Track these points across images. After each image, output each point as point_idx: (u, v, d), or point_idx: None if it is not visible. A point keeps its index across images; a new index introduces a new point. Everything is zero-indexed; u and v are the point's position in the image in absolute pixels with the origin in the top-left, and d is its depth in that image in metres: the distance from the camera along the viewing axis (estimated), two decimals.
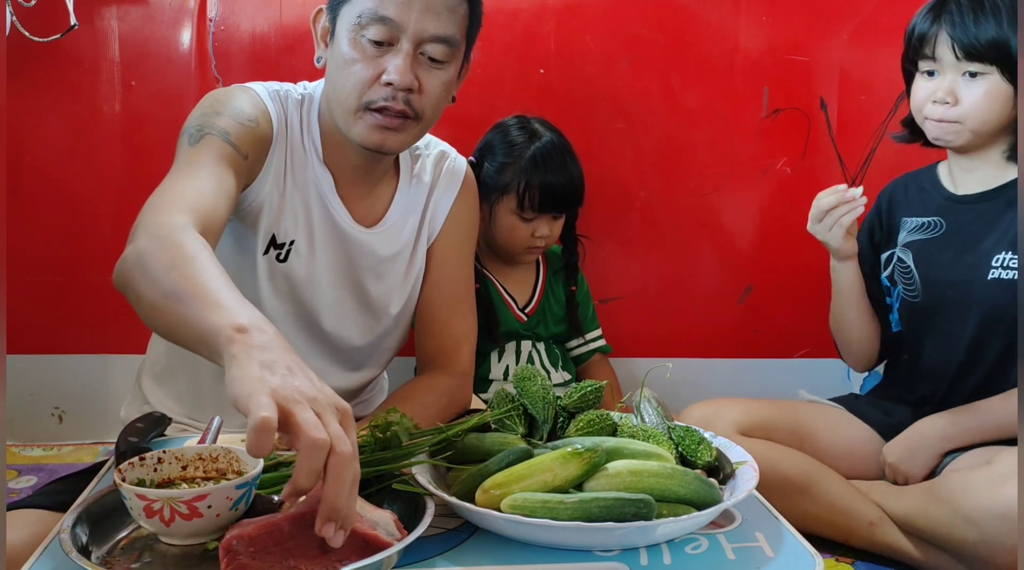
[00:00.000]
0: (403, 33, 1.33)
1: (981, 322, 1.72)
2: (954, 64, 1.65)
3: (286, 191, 1.45)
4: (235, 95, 1.42)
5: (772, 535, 1.02)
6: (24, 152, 2.20)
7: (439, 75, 1.38)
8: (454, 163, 1.62)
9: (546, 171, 1.99)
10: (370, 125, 1.37)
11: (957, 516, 1.56)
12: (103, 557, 0.93)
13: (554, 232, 2.07)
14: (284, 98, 1.47)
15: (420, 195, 1.57)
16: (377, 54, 1.35)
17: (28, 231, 2.21)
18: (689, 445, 1.12)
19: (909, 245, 1.82)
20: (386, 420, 1.07)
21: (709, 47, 2.28)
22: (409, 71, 1.34)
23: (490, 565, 0.94)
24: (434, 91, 1.38)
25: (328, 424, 0.81)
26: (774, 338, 2.42)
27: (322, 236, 1.48)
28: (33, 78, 2.17)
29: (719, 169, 2.33)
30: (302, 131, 1.48)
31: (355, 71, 1.35)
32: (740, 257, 2.38)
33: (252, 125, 1.39)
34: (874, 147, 2.30)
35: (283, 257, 1.47)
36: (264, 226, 1.45)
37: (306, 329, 1.52)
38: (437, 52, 1.36)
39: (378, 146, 1.40)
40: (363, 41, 1.34)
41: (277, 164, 1.45)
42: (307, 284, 1.49)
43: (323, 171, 1.48)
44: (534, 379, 1.19)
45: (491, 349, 2.10)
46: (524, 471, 1.00)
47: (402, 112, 1.36)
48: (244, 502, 0.93)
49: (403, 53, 1.34)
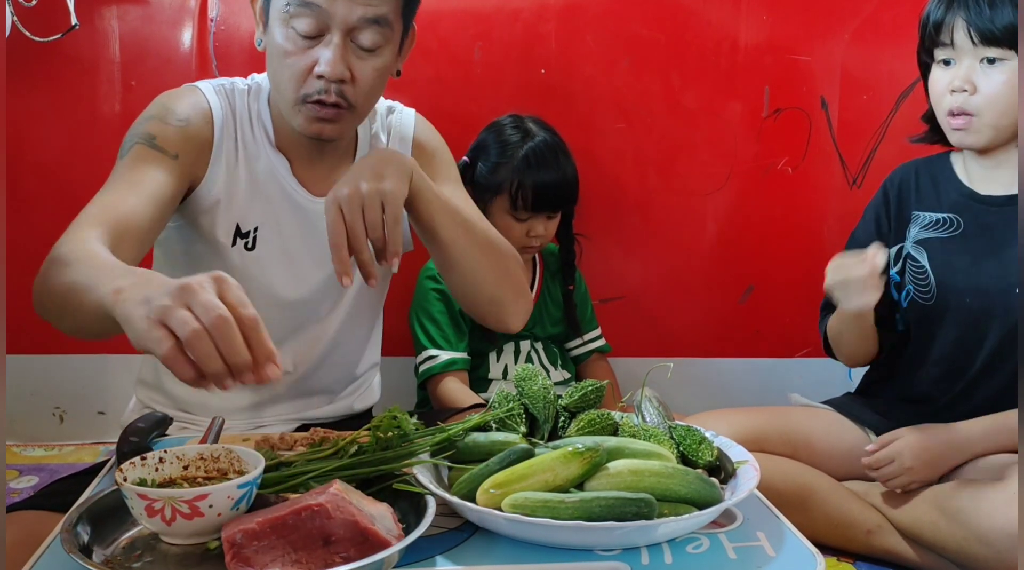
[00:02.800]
0: (332, 21, 1.33)
1: (1003, 335, 1.65)
2: (971, 50, 1.60)
3: (240, 181, 1.47)
4: (173, 97, 1.46)
5: (773, 534, 1.02)
6: (24, 152, 2.20)
7: (372, 63, 1.38)
8: (400, 117, 1.61)
9: (539, 170, 1.99)
10: (307, 117, 1.39)
11: (970, 534, 1.54)
12: (104, 557, 0.93)
13: (549, 231, 2.06)
14: (230, 91, 1.50)
15: None
16: (308, 46, 1.35)
17: (28, 231, 2.21)
18: (690, 444, 1.11)
19: (922, 243, 1.75)
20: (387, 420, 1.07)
21: (710, 47, 2.28)
22: (340, 62, 1.34)
23: (491, 564, 0.94)
24: (367, 80, 1.38)
25: (200, 304, 0.84)
26: (775, 338, 2.42)
27: (286, 218, 1.50)
28: (33, 78, 2.17)
29: (720, 169, 2.33)
30: (251, 120, 1.50)
31: (289, 64, 1.36)
32: (741, 257, 2.38)
33: (182, 125, 1.41)
34: (875, 147, 2.30)
35: (251, 245, 1.49)
36: (226, 218, 1.47)
37: (289, 314, 1.53)
38: (368, 40, 1.36)
39: (316, 135, 1.41)
40: (293, 33, 1.35)
41: (228, 157, 1.47)
42: (280, 268, 1.50)
43: (276, 155, 1.49)
44: (535, 379, 1.19)
45: (489, 349, 2.10)
46: (525, 471, 1.00)
47: (336, 103, 1.37)
48: (245, 502, 0.93)
49: (333, 44, 1.34)
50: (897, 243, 1.80)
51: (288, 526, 0.88)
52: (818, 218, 2.37)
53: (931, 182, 1.78)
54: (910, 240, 1.77)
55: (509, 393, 1.20)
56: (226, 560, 0.87)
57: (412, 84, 2.23)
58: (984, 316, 1.67)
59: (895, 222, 1.81)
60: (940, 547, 1.61)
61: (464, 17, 2.23)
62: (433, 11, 2.21)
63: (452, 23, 2.22)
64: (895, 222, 1.81)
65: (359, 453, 1.06)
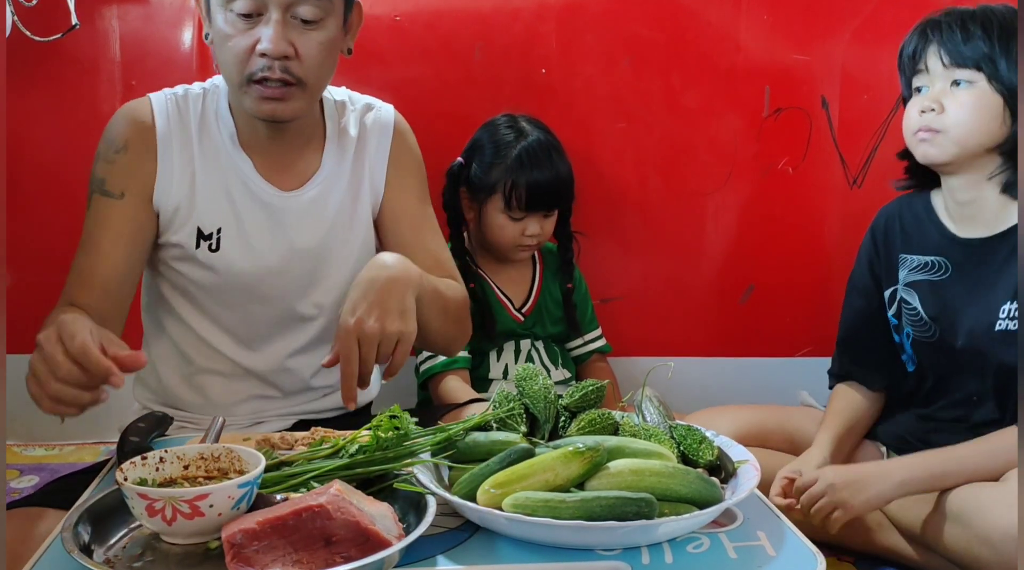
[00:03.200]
0: (268, 1, 1.34)
1: (998, 376, 1.65)
2: (942, 73, 1.63)
3: (196, 184, 1.48)
4: (115, 122, 1.49)
5: (774, 534, 1.02)
6: (24, 151, 2.20)
7: (315, 37, 1.38)
8: (380, 113, 1.60)
9: (532, 170, 1.99)
10: (256, 98, 1.39)
11: (973, 536, 1.52)
12: (105, 556, 0.93)
13: (545, 230, 2.06)
14: (182, 98, 1.51)
15: (348, 149, 1.56)
16: (249, 26, 1.36)
17: (29, 230, 2.21)
18: (690, 444, 1.11)
19: (912, 285, 1.75)
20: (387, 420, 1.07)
21: (710, 46, 2.28)
22: (282, 39, 1.35)
23: (492, 564, 0.95)
24: (312, 54, 1.38)
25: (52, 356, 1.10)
26: (776, 337, 2.42)
27: (249, 215, 1.50)
28: (34, 78, 2.17)
29: (720, 169, 2.33)
30: (209, 122, 1.50)
31: (231, 47, 1.37)
32: (741, 257, 2.38)
33: (120, 155, 1.46)
34: (876, 146, 2.30)
35: (215, 246, 1.49)
36: (188, 223, 1.48)
37: (267, 309, 1.53)
38: (308, 12, 1.36)
39: (270, 116, 1.41)
40: (232, 16, 1.36)
41: (179, 163, 1.48)
42: (248, 265, 1.51)
43: (239, 154, 1.49)
44: (535, 378, 1.19)
45: (489, 348, 2.10)
46: (526, 470, 1.00)
47: (282, 80, 1.37)
48: (246, 501, 0.94)
49: (273, 21, 1.35)
50: (890, 285, 1.81)
51: (289, 527, 0.88)
52: (819, 218, 2.36)
53: (915, 224, 1.78)
54: (901, 282, 1.78)
55: (510, 393, 1.20)
56: (226, 560, 0.87)
57: (413, 84, 2.23)
58: (977, 356, 1.67)
59: (885, 265, 1.82)
60: (942, 547, 1.60)
61: (464, 17, 2.23)
62: (433, 11, 2.21)
63: (452, 23, 2.22)
64: (885, 265, 1.82)
65: (359, 453, 1.06)
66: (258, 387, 1.56)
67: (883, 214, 1.85)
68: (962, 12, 1.64)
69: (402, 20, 2.20)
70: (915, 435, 1.76)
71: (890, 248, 1.81)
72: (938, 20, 1.66)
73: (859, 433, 1.83)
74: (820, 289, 2.36)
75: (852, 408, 1.83)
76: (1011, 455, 1.55)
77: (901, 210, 1.81)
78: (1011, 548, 1.45)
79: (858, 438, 1.83)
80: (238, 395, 1.55)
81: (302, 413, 1.60)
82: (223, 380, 1.56)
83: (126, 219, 1.46)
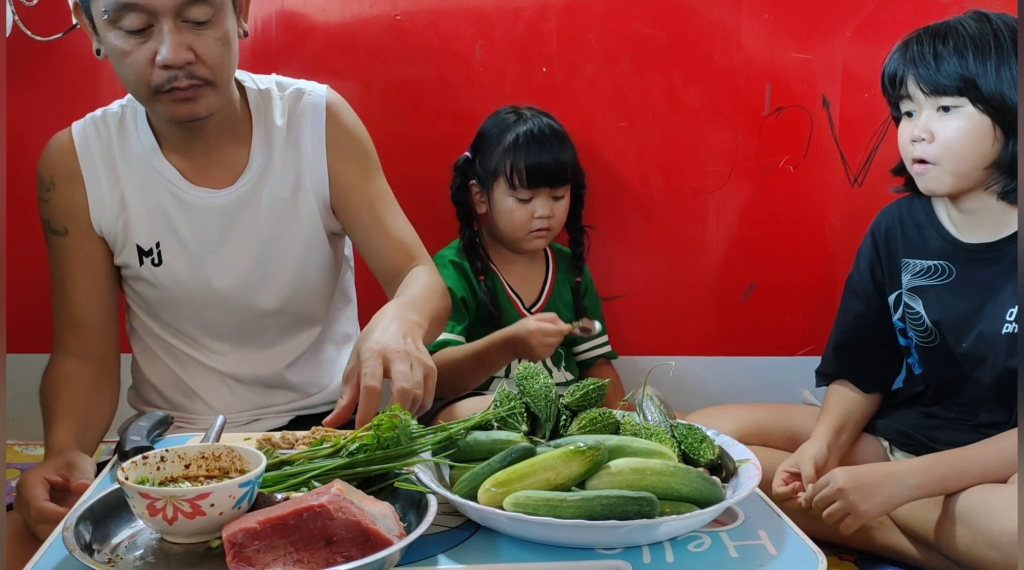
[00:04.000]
0: (157, 13, 1.30)
1: (1002, 379, 1.65)
2: (925, 100, 1.63)
3: (127, 204, 1.48)
4: (44, 159, 1.52)
5: (775, 533, 1.02)
6: (25, 151, 2.19)
7: (211, 34, 1.35)
8: (311, 97, 1.55)
9: (531, 147, 1.99)
10: (168, 103, 1.37)
11: (978, 537, 1.52)
12: (106, 555, 0.93)
13: (556, 212, 2.05)
14: (100, 121, 1.52)
15: (278, 140, 1.52)
16: (142, 40, 1.32)
17: (29, 230, 2.20)
18: (691, 443, 1.11)
19: (916, 290, 1.75)
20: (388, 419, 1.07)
21: (711, 45, 2.28)
22: (179, 47, 1.31)
23: (492, 563, 0.95)
24: (213, 53, 1.35)
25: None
26: (777, 336, 2.42)
27: (184, 223, 1.49)
28: (34, 77, 2.17)
29: (721, 167, 2.33)
30: (130, 139, 1.49)
31: (130, 63, 1.34)
32: (742, 255, 2.38)
33: (52, 192, 1.50)
34: (877, 145, 2.30)
35: (158, 261, 1.50)
36: (127, 242, 1.50)
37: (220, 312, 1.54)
38: (200, 14, 1.32)
39: (188, 118, 1.39)
40: (122, 33, 1.32)
41: (107, 185, 1.48)
42: (192, 273, 1.51)
43: (163, 164, 1.49)
44: (536, 377, 1.19)
45: None
46: (526, 469, 1.00)
47: (190, 85, 1.35)
48: (247, 500, 0.94)
49: (165, 31, 1.31)
50: (894, 289, 1.80)
51: (290, 526, 0.88)
52: (820, 216, 2.36)
53: (916, 229, 1.77)
54: (904, 287, 1.77)
55: (511, 392, 1.20)
56: (227, 559, 0.87)
57: (413, 83, 2.23)
58: (980, 360, 1.67)
59: (887, 269, 1.81)
60: (945, 547, 1.60)
61: (465, 16, 2.23)
62: (434, 10, 2.21)
63: (453, 22, 2.22)
64: (887, 269, 1.81)
65: (360, 452, 1.06)
66: (240, 386, 1.56)
67: (883, 218, 1.84)
68: (933, 34, 1.62)
69: (403, 19, 2.20)
70: (918, 431, 1.76)
71: (892, 252, 1.80)
72: (911, 46, 1.64)
73: (856, 427, 1.83)
74: (821, 288, 2.36)
75: (848, 403, 1.83)
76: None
77: (902, 214, 1.80)
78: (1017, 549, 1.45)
79: (855, 432, 1.83)
80: (225, 395, 1.55)
81: (296, 410, 1.60)
82: (207, 383, 1.56)
83: (79, 253, 1.49)
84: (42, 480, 1.23)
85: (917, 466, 1.61)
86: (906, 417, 1.82)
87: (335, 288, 1.66)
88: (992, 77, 1.56)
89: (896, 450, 1.80)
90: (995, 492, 1.55)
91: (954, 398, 1.77)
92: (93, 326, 1.50)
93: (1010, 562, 1.47)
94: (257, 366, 1.56)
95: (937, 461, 1.61)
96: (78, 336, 1.49)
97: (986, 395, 1.70)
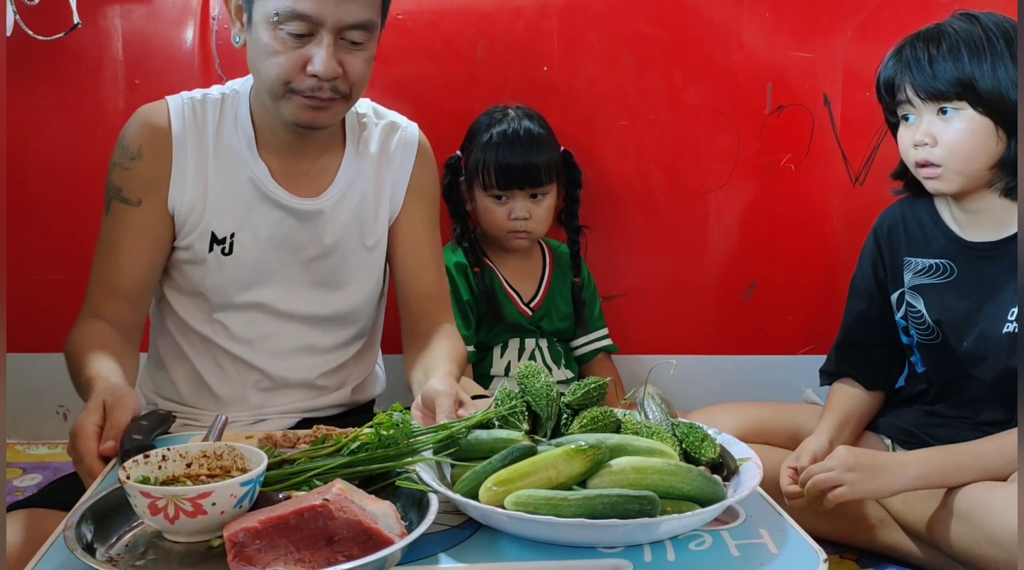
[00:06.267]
0: (322, 26, 1.36)
1: (1003, 378, 1.65)
2: (923, 105, 1.63)
3: (210, 190, 1.50)
4: (131, 126, 1.52)
5: (776, 532, 1.02)
6: (27, 151, 2.20)
7: (361, 55, 1.42)
8: (406, 133, 1.64)
9: (499, 149, 2.00)
10: (299, 104, 1.41)
11: (981, 535, 1.52)
12: (108, 555, 0.94)
13: (535, 214, 2.05)
14: (199, 103, 1.52)
15: (367, 165, 1.59)
16: (298, 45, 1.37)
17: (31, 229, 2.22)
18: (693, 442, 1.12)
19: (918, 289, 1.75)
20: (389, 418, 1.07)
21: (712, 44, 2.28)
22: (333, 61, 1.38)
23: (494, 562, 0.95)
24: (358, 71, 1.42)
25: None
26: (778, 335, 2.42)
27: (264, 222, 1.52)
28: (36, 77, 2.17)
29: (722, 166, 2.33)
30: (227, 128, 1.52)
31: (278, 62, 1.39)
32: (744, 254, 2.38)
33: (136, 161, 1.48)
34: (878, 144, 2.30)
35: (228, 250, 1.51)
36: (200, 226, 1.50)
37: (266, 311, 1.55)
38: (358, 35, 1.39)
39: (310, 123, 1.44)
40: (282, 35, 1.37)
41: (193, 166, 1.50)
42: (258, 271, 1.53)
43: (256, 162, 1.51)
44: (537, 376, 1.19)
45: (494, 344, 2.10)
46: (528, 468, 1.00)
47: (330, 98, 1.41)
48: (248, 499, 0.94)
49: (324, 44, 1.37)
50: (896, 288, 1.80)
51: (291, 526, 0.88)
52: (821, 215, 2.36)
53: (919, 227, 1.77)
54: (906, 285, 1.77)
55: (512, 391, 1.20)
56: (229, 558, 0.87)
57: (414, 83, 2.23)
58: (980, 359, 1.67)
59: (890, 268, 1.82)
60: (946, 545, 1.60)
61: (466, 15, 2.23)
62: (435, 9, 2.21)
63: (454, 21, 2.22)
64: (890, 268, 1.82)
65: (361, 451, 1.06)
66: (262, 384, 1.56)
67: (886, 217, 1.84)
68: (926, 38, 1.63)
69: (404, 18, 2.20)
70: (920, 429, 1.77)
71: (894, 251, 1.80)
72: (905, 52, 1.64)
73: (859, 423, 1.83)
74: (823, 286, 2.36)
75: (852, 400, 1.84)
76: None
77: (904, 213, 1.80)
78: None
79: (858, 428, 1.83)
80: (241, 393, 1.56)
81: (305, 411, 1.60)
82: (225, 378, 1.56)
83: (145, 226, 1.49)
84: (95, 431, 1.17)
85: (917, 457, 1.62)
86: (908, 415, 1.82)
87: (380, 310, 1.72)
88: (989, 77, 1.56)
89: (898, 448, 1.80)
90: (997, 490, 1.55)
91: (956, 397, 1.77)
92: (133, 299, 1.49)
93: (1012, 560, 1.47)
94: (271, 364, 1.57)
95: (938, 454, 1.62)
96: (114, 304, 1.48)
97: (987, 394, 1.70)
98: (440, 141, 2.20)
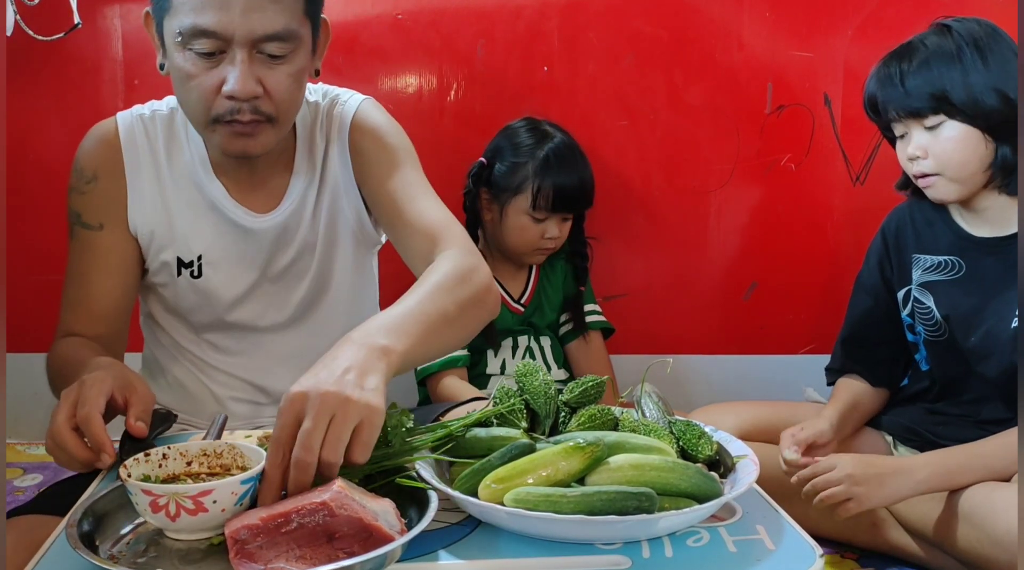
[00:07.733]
0: (231, 41, 1.24)
1: (1007, 375, 1.65)
2: (907, 122, 1.65)
3: (172, 213, 1.44)
4: (83, 149, 1.46)
5: (773, 528, 1.02)
6: (27, 151, 2.21)
7: (285, 70, 1.28)
8: (343, 107, 1.48)
9: (559, 171, 2.00)
10: (225, 135, 1.30)
11: (985, 536, 1.52)
12: (109, 552, 0.94)
13: (563, 233, 2.08)
14: (149, 120, 1.45)
15: (317, 160, 1.47)
16: (211, 65, 1.26)
17: (31, 229, 2.22)
18: (690, 439, 1.12)
19: (926, 285, 1.76)
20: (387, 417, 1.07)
21: (712, 43, 2.28)
22: (249, 78, 1.25)
23: (493, 558, 0.95)
24: (283, 88, 1.29)
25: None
26: (779, 334, 2.42)
27: (227, 241, 1.46)
28: (36, 77, 2.17)
29: (723, 166, 2.33)
30: (180, 146, 1.44)
31: (194, 87, 1.27)
32: (744, 253, 2.38)
33: (92, 185, 1.43)
34: (878, 143, 2.30)
35: (197, 273, 1.46)
36: (166, 250, 1.45)
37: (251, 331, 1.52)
38: (276, 49, 1.26)
39: (241, 153, 1.33)
40: (191, 55, 1.26)
41: (149, 186, 1.44)
42: (232, 290, 1.48)
43: (212, 182, 1.44)
44: (535, 374, 1.19)
45: (487, 345, 2.10)
46: (526, 465, 1.00)
47: (252, 120, 1.29)
48: (249, 497, 0.94)
49: (237, 60, 1.24)
50: (903, 286, 1.81)
51: (291, 523, 0.89)
52: (821, 214, 2.36)
53: (927, 225, 1.78)
54: (915, 283, 1.78)
55: (510, 389, 1.20)
56: (230, 556, 0.88)
57: (415, 83, 2.24)
58: (986, 356, 1.68)
59: (897, 266, 1.82)
60: (949, 545, 1.60)
61: (466, 15, 2.23)
62: (435, 9, 2.22)
63: (454, 21, 2.23)
64: (897, 266, 1.82)
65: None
66: (257, 398, 1.56)
67: (894, 216, 1.85)
68: (899, 55, 1.64)
69: (404, 18, 2.20)
70: (923, 427, 1.77)
71: (902, 249, 1.81)
72: (882, 71, 1.66)
73: (863, 416, 1.84)
74: (823, 286, 2.37)
75: (856, 391, 1.85)
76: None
77: (912, 211, 1.81)
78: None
79: (861, 421, 1.84)
80: (235, 405, 1.55)
81: None
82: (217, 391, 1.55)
83: (110, 250, 1.44)
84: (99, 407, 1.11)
85: (923, 461, 1.62)
86: (911, 413, 1.82)
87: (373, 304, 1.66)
88: (959, 87, 1.57)
89: (900, 445, 1.81)
90: (1000, 491, 1.55)
91: (959, 395, 1.77)
92: (109, 319, 1.44)
93: (1015, 561, 1.47)
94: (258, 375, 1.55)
95: (942, 457, 1.62)
96: (88, 324, 1.43)
97: (990, 392, 1.70)
98: (440, 142, 2.22)
